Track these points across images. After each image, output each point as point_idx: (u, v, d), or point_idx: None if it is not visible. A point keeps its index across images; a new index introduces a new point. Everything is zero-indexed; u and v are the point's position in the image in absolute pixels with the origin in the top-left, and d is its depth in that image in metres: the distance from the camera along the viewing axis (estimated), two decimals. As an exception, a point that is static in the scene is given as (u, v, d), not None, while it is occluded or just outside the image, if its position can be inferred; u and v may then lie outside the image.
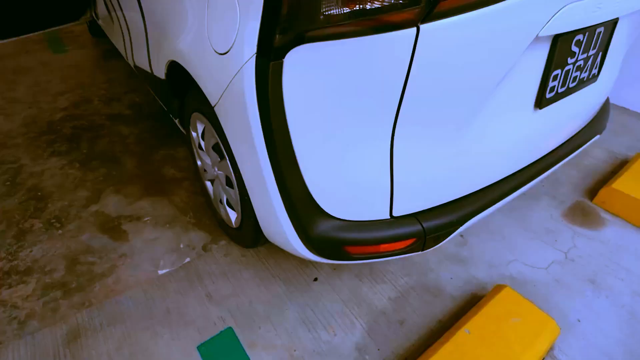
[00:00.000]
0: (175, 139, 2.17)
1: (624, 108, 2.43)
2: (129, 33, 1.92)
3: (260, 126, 0.91)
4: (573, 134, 1.39)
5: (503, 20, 0.83)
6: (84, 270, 1.46)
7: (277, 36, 0.80)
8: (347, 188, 0.98)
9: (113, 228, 1.63)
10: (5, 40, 2.36)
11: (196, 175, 1.87)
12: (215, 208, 1.56)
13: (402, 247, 1.05)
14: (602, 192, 1.71)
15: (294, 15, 0.77)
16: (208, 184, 1.55)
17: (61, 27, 2.58)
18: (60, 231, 1.62)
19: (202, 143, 1.42)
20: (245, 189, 1.14)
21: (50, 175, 1.92)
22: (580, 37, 1.06)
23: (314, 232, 1.01)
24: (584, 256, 1.51)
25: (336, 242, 1.02)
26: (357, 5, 0.75)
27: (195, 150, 1.54)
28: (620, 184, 1.69)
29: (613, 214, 1.68)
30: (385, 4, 0.75)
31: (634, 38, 1.40)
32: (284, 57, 0.81)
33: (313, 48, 0.79)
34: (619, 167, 1.93)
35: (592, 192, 1.79)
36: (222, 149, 1.22)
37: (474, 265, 1.46)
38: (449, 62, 0.83)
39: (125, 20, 1.92)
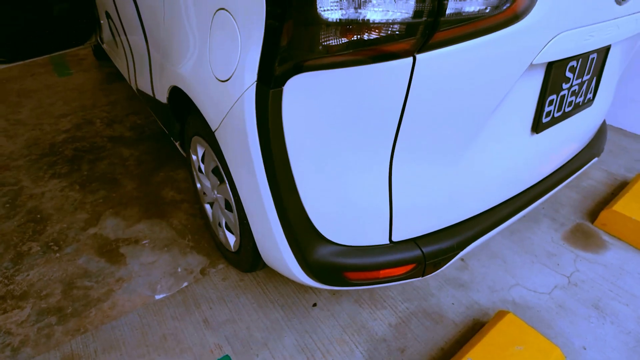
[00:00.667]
0: (175, 160, 2.18)
1: (621, 129, 2.45)
2: (133, 57, 1.96)
3: (259, 151, 0.92)
4: (571, 157, 1.40)
5: (497, 49, 0.85)
6: (80, 295, 1.43)
7: (277, 65, 0.81)
8: (346, 213, 0.98)
9: (111, 251, 1.62)
10: (12, 64, 2.41)
11: (195, 198, 1.87)
12: (214, 231, 1.56)
13: (402, 272, 1.04)
14: (603, 215, 1.70)
15: (294, 45, 0.79)
16: (207, 206, 1.55)
17: (67, 50, 2.64)
18: (57, 254, 1.61)
19: (202, 166, 1.43)
20: (244, 213, 1.13)
21: (50, 197, 1.92)
22: (574, 63, 1.09)
23: (313, 258, 1.00)
24: (587, 280, 1.48)
25: (335, 267, 1.01)
26: (355, 36, 0.77)
27: (195, 173, 1.55)
28: (621, 206, 1.68)
29: (614, 237, 1.67)
30: (382, 34, 0.77)
31: (628, 61, 1.43)
32: (283, 85, 0.82)
33: (312, 76, 0.81)
34: (619, 188, 1.93)
35: (593, 214, 1.78)
36: (222, 172, 1.22)
37: (475, 290, 1.44)
38: (445, 90, 0.85)
39: (129, 45, 1.96)
